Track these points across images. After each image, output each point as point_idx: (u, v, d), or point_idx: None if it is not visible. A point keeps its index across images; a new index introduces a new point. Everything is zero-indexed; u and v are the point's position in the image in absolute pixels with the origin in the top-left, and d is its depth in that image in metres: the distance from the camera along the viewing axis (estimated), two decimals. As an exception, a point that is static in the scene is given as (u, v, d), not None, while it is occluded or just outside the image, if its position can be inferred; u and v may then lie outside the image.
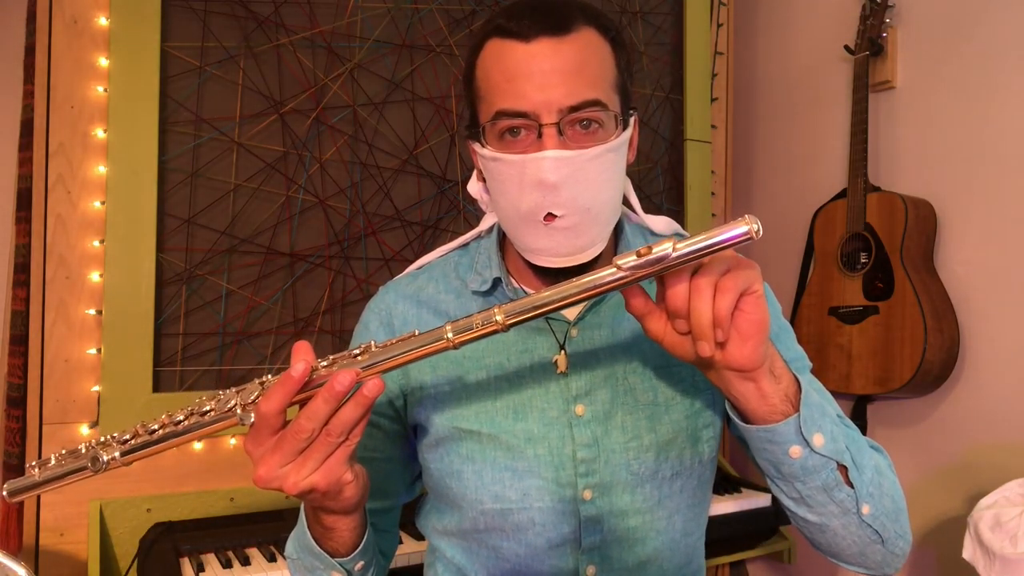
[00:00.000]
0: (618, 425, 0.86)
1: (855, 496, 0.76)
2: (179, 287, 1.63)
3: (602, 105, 0.79)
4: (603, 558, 0.87)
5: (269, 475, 0.68)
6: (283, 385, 0.66)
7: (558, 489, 0.85)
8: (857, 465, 0.76)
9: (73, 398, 1.53)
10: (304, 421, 0.66)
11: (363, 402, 0.67)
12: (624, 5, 2.10)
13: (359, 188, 1.79)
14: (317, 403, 0.66)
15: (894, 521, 0.79)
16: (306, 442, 0.67)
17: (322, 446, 0.67)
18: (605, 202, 0.82)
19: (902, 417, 2.00)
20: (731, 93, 2.34)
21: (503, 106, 0.79)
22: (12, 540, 1.49)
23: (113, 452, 0.68)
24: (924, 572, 1.93)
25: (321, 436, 0.67)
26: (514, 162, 0.79)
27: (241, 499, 1.62)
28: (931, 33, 1.96)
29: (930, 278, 1.89)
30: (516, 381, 0.87)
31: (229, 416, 0.68)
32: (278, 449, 0.67)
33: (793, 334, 0.92)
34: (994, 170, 1.82)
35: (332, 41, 1.77)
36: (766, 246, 2.42)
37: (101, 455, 0.68)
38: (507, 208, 0.83)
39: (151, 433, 0.69)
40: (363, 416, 0.68)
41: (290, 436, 0.67)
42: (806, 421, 0.72)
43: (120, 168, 1.56)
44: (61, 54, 1.54)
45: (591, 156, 0.78)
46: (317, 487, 0.68)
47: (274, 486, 0.68)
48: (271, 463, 0.68)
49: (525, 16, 0.79)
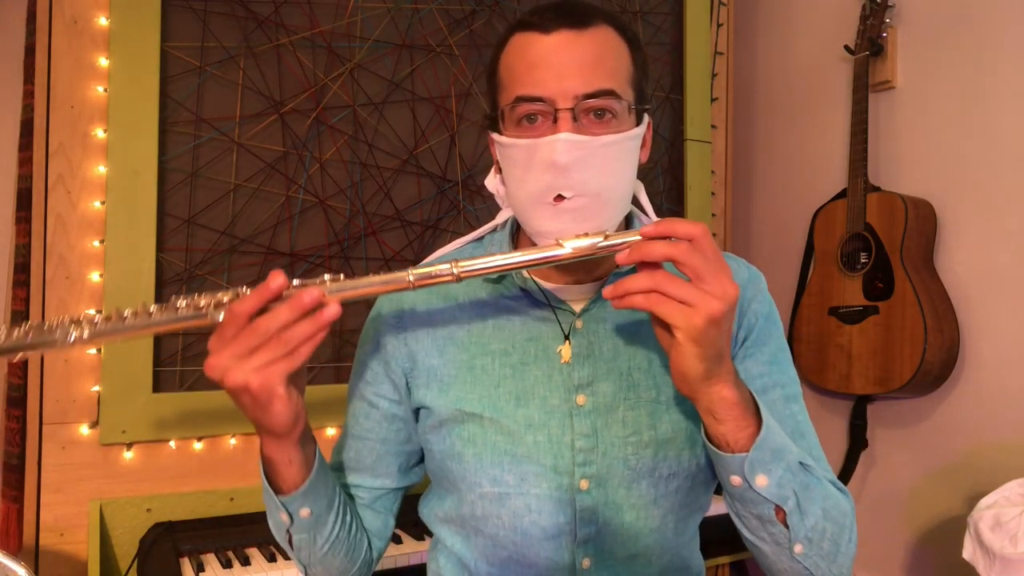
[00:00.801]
0: (619, 419, 0.87)
1: (788, 536, 0.78)
2: (179, 287, 1.63)
3: (616, 96, 0.82)
4: (598, 551, 0.88)
5: (217, 363, 0.72)
6: (258, 293, 0.73)
7: (556, 476, 0.86)
8: (802, 511, 0.78)
9: (73, 398, 1.53)
10: (264, 321, 0.72)
11: (319, 321, 0.72)
12: (624, 5, 2.10)
13: (359, 188, 1.79)
14: (282, 310, 0.72)
15: (830, 562, 0.81)
16: (261, 339, 0.71)
17: (269, 350, 0.72)
18: (614, 189, 0.83)
19: (902, 417, 2.00)
20: (731, 93, 2.34)
21: (522, 92, 0.82)
22: (12, 540, 1.49)
23: (83, 331, 0.72)
24: (924, 572, 1.93)
25: (272, 340, 0.72)
26: (528, 145, 0.82)
27: (241, 499, 1.63)
28: (931, 33, 1.96)
29: (930, 278, 1.89)
30: (520, 368, 0.89)
31: (201, 314, 0.74)
32: (234, 342, 0.72)
33: (790, 357, 0.93)
34: (994, 170, 1.82)
35: (332, 41, 1.77)
36: (766, 246, 2.42)
37: (71, 333, 0.72)
38: (519, 192, 0.85)
39: (123, 319, 0.73)
40: (315, 334, 0.73)
41: (247, 332, 0.72)
42: (752, 463, 0.75)
43: (120, 168, 1.56)
44: (61, 54, 1.54)
45: (603, 143, 0.81)
46: (250, 385, 0.72)
47: (217, 375, 0.73)
48: (223, 354, 0.72)
49: (548, 12, 0.83)
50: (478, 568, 0.92)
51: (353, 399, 0.97)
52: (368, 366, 0.95)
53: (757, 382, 0.88)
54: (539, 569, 0.89)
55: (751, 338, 0.91)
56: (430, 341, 0.93)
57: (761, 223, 2.45)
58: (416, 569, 1.52)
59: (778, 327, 0.93)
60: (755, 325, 0.91)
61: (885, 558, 2.01)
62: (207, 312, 0.73)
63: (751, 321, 0.91)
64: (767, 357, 0.90)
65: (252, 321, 0.72)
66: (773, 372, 0.89)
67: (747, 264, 0.96)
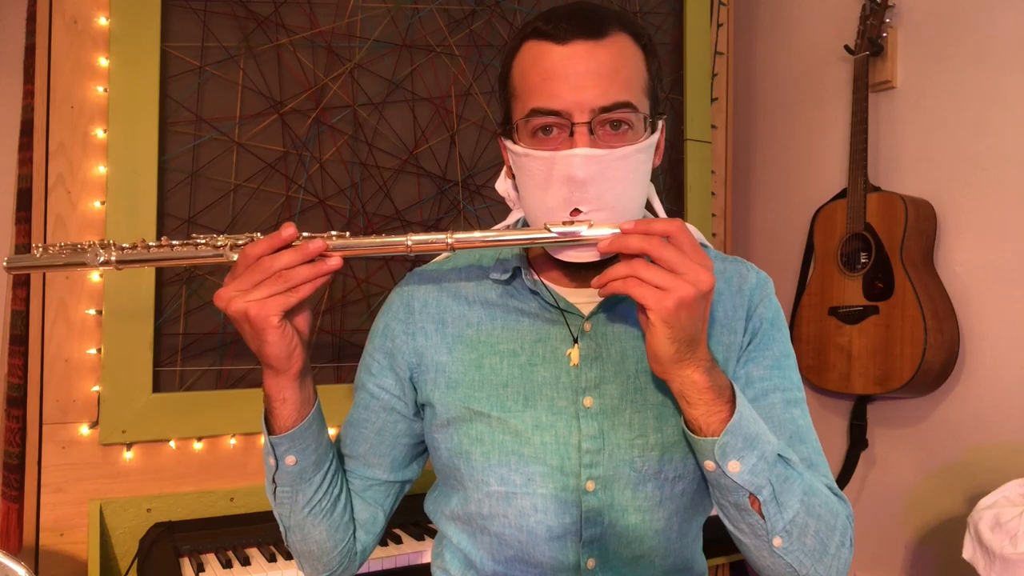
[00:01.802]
0: (625, 421, 0.88)
1: (767, 528, 0.79)
2: (179, 287, 1.63)
3: (633, 107, 0.83)
4: (602, 552, 0.88)
5: (225, 294, 0.79)
6: (270, 239, 0.79)
7: (562, 477, 0.87)
8: (779, 502, 0.78)
9: (73, 398, 1.53)
10: (269, 259, 0.79)
11: (320, 268, 0.80)
12: (624, 5, 2.10)
13: (359, 188, 1.79)
14: (289, 252, 0.79)
15: (816, 561, 0.81)
16: (264, 275, 0.78)
17: (271, 284, 0.79)
18: (630, 200, 0.85)
19: (902, 417, 2.00)
20: (731, 93, 2.34)
21: (537, 104, 0.83)
22: (12, 540, 1.49)
23: (111, 255, 0.80)
24: (924, 572, 1.93)
25: (274, 276, 0.78)
26: (545, 158, 0.83)
27: (241, 499, 1.63)
28: (931, 33, 1.96)
29: (930, 278, 1.89)
30: (528, 369, 0.90)
31: (218, 253, 0.82)
32: (242, 277, 0.79)
33: (794, 364, 0.94)
34: (994, 170, 1.82)
35: (332, 41, 1.77)
36: (766, 246, 2.42)
37: (100, 254, 0.80)
38: (534, 203, 0.86)
39: (148, 248, 0.81)
40: (314, 278, 0.79)
41: (254, 267, 0.79)
42: (723, 448, 0.77)
43: (120, 168, 1.56)
44: (61, 54, 1.54)
45: (619, 156, 0.82)
46: (248, 312, 0.78)
47: (222, 304, 0.80)
48: (231, 286, 0.80)
49: (562, 20, 0.83)
50: (483, 565, 0.92)
51: (357, 388, 1.00)
52: (375, 358, 0.97)
53: (758, 385, 0.89)
54: (544, 568, 0.89)
55: (754, 342, 0.91)
56: (439, 338, 0.94)
57: (761, 223, 2.45)
58: (416, 569, 1.52)
59: (783, 333, 0.94)
60: (759, 329, 0.92)
61: (885, 558, 2.01)
62: (223, 252, 0.81)
63: (756, 325, 0.92)
64: (770, 361, 0.91)
65: (261, 259, 0.79)
66: (774, 376, 0.90)
67: (757, 269, 0.97)
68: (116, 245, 0.81)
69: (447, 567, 0.97)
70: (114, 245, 0.81)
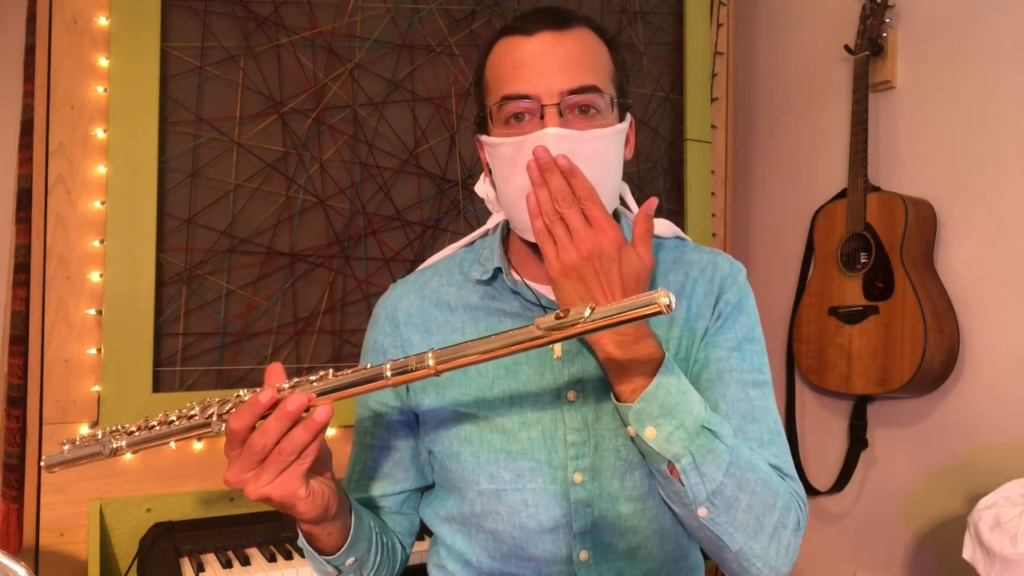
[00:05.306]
0: (609, 411, 0.89)
1: (688, 496, 0.79)
2: (179, 287, 1.63)
3: (599, 91, 0.86)
4: (595, 543, 0.89)
5: (234, 478, 0.74)
6: (250, 407, 0.73)
7: (550, 471, 0.89)
8: (701, 472, 0.78)
9: (73, 398, 1.53)
10: (258, 436, 0.72)
11: (312, 427, 0.72)
12: (624, 5, 2.10)
13: (359, 188, 1.79)
14: (270, 421, 0.72)
15: (750, 538, 0.81)
16: (261, 455, 0.72)
17: (275, 462, 0.73)
18: (602, 184, 0.85)
19: (902, 417, 2.00)
20: (731, 93, 2.34)
21: (508, 91, 0.86)
22: (12, 540, 1.49)
23: (121, 441, 0.82)
24: (924, 572, 1.93)
25: (274, 453, 0.73)
26: (517, 142, 0.85)
27: (241, 499, 1.63)
28: (931, 33, 1.96)
29: (930, 278, 1.89)
30: (513, 368, 0.91)
31: (206, 425, 0.77)
32: (242, 458, 0.74)
33: (759, 348, 0.94)
34: (994, 170, 1.82)
35: (332, 41, 1.77)
36: (766, 246, 2.42)
37: (111, 443, 0.82)
38: (509, 189, 0.88)
39: (150, 429, 0.81)
40: (313, 439, 0.73)
41: (248, 448, 0.73)
42: (638, 414, 0.78)
43: (120, 168, 1.56)
44: (61, 54, 1.54)
45: (590, 137, 0.85)
46: (271, 497, 0.74)
47: (236, 488, 0.75)
48: (236, 468, 0.74)
49: (530, 16, 0.88)
50: (480, 562, 0.94)
51: (358, 409, 1.00)
52: None
53: (713, 367, 0.90)
54: (538, 562, 0.90)
55: (716, 325, 0.93)
56: (425, 347, 0.93)
57: (761, 223, 2.45)
58: (416, 569, 1.52)
59: (749, 318, 0.94)
60: (723, 313, 0.93)
61: (885, 558, 2.01)
62: (212, 425, 0.77)
63: (721, 309, 0.93)
64: (730, 344, 0.91)
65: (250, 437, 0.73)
66: (732, 358, 0.91)
67: (732, 260, 0.99)
68: (124, 431, 0.82)
69: (444, 563, 0.98)
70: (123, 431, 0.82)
